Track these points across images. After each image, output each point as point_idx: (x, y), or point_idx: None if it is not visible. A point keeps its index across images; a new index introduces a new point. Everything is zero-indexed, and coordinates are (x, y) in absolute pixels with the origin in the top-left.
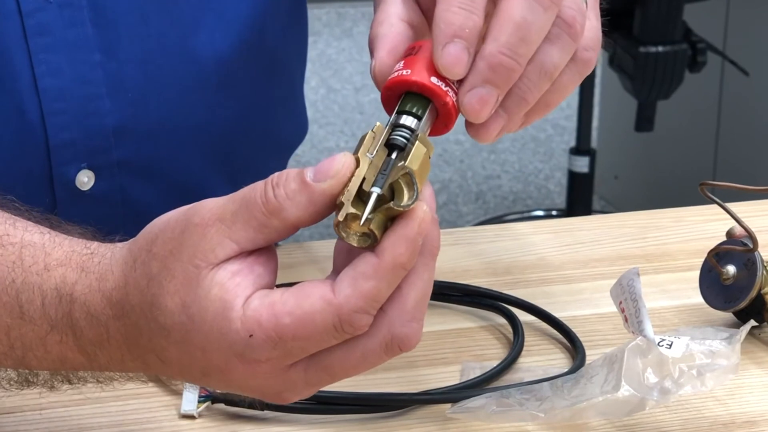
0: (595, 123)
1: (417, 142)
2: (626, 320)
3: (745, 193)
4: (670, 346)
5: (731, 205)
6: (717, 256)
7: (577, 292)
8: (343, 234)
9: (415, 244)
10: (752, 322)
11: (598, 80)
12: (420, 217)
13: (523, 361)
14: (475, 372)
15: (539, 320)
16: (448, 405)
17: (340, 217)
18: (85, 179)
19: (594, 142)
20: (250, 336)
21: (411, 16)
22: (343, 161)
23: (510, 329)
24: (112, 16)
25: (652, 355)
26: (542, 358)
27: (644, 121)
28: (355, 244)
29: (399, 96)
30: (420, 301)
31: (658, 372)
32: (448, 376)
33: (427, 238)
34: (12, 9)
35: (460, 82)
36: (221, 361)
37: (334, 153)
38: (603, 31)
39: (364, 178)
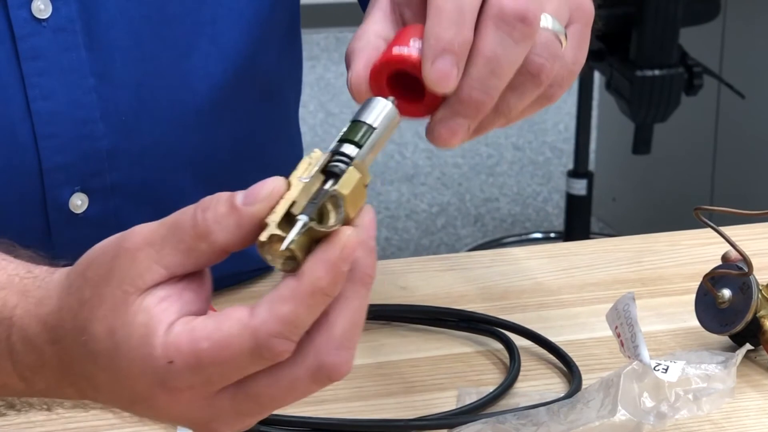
0: (592, 146)
1: (351, 167)
2: (622, 345)
3: (741, 216)
4: (666, 370)
5: (726, 229)
6: (712, 280)
7: (573, 317)
8: (268, 257)
9: (337, 269)
10: (748, 346)
11: (595, 103)
12: (343, 241)
13: (520, 386)
14: (471, 397)
15: (535, 345)
16: (445, 431)
17: (262, 238)
18: (78, 202)
19: (592, 165)
20: (170, 362)
21: (390, 35)
22: (273, 185)
23: (506, 354)
24: (106, 40)
25: (649, 379)
26: (538, 382)
27: (641, 144)
28: (280, 268)
29: (387, 79)
30: (349, 329)
31: (655, 396)
32: (445, 402)
33: (358, 265)
34: (4, 33)
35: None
36: (144, 389)
37: None
38: (594, 53)
39: (294, 202)
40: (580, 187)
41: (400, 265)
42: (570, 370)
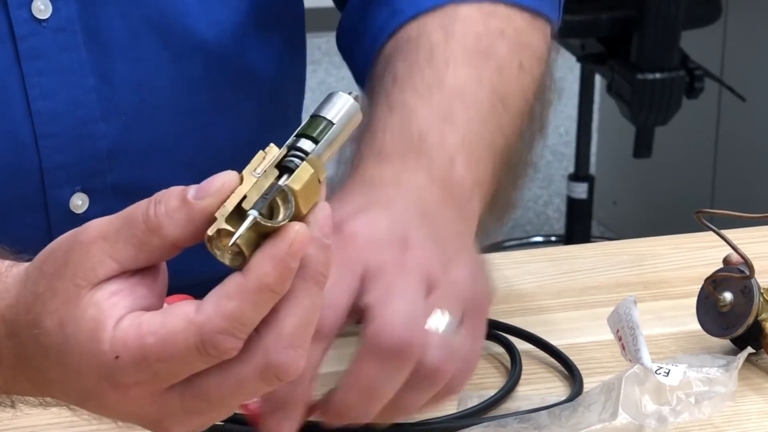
0: (593, 149)
1: (305, 162)
2: (623, 348)
3: (742, 219)
4: (668, 373)
5: (728, 232)
6: (714, 283)
7: (575, 320)
8: (217, 252)
9: (285, 265)
10: (749, 349)
11: (596, 107)
12: (291, 237)
13: (521, 389)
14: (472, 401)
15: (537, 348)
16: None
17: (209, 232)
18: (79, 202)
19: (593, 168)
20: (117, 357)
21: None
22: (224, 179)
23: (507, 358)
24: (106, 40)
25: (650, 382)
26: (540, 386)
27: (642, 147)
28: (228, 263)
29: None
30: (300, 328)
31: (656, 400)
32: (445, 406)
33: (310, 262)
34: (5, 33)
35: None
36: (93, 385)
37: (332, 181)
38: (595, 56)
39: (245, 197)
40: (580, 190)
41: None
42: (571, 374)
